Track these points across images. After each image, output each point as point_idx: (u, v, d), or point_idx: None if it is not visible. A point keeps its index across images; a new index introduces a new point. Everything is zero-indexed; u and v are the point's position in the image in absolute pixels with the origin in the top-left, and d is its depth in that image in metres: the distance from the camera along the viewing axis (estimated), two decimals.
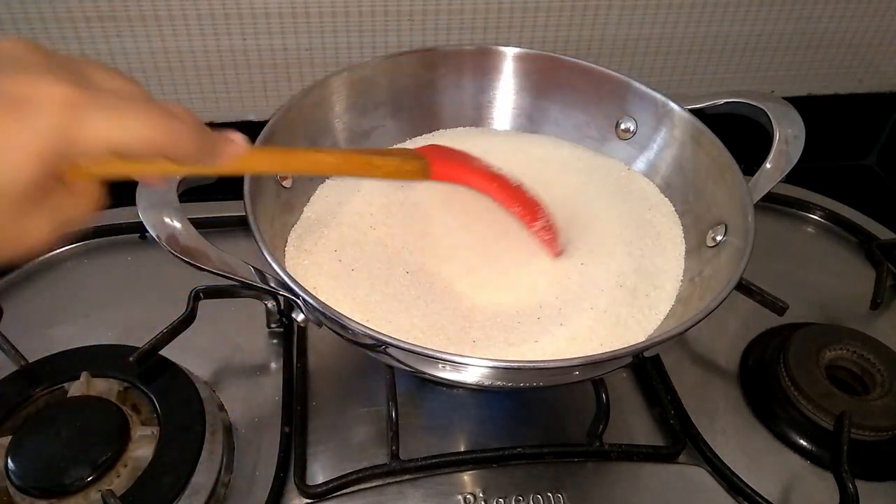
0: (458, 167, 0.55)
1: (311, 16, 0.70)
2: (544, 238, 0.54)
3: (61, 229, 0.31)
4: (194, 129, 0.33)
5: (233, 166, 0.37)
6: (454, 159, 0.56)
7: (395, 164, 0.49)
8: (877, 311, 0.66)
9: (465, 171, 0.55)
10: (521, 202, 0.55)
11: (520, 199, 0.55)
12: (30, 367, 0.53)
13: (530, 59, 0.64)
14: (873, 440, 0.54)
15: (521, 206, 0.54)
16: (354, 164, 0.47)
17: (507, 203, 0.55)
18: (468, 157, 0.56)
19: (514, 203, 0.54)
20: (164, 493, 0.46)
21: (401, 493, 0.49)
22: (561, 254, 0.55)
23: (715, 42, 0.79)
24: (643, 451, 0.53)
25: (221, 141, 0.36)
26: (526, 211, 0.54)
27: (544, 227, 0.54)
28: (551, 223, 0.55)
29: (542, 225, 0.54)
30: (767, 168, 0.55)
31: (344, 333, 0.44)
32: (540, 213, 0.55)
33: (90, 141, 0.29)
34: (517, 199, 0.55)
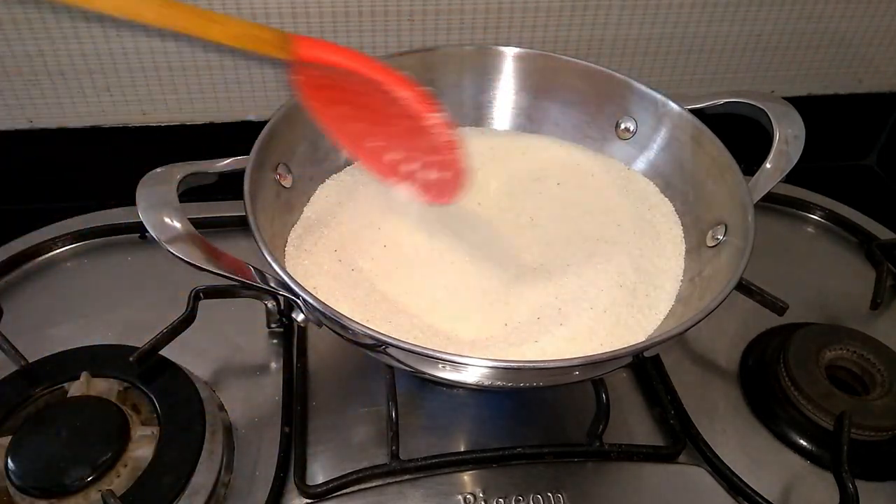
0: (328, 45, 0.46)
1: (311, 16, 0.70)
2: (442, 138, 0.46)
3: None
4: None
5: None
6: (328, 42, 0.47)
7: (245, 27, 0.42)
8: (877, 311, 0.66)
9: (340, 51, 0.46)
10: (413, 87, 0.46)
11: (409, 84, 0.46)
12: (30, 367, 0.53)
13: (530, 59, 0.64)
14: (873, 440, 0.54)
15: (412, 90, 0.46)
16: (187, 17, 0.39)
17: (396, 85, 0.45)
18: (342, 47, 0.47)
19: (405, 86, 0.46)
20: (164, 493, 0.46)
21: (401, 493, 0.49)
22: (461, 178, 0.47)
23: (715, 42, 0.79)
24: (643, 451, 0.53)
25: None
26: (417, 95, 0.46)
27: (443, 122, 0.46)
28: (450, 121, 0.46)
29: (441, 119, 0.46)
30: (767, 168, 0.55)
31: (344, 333, 0.44)
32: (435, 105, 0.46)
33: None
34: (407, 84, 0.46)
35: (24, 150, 0.75)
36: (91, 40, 0.69)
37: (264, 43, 0.43)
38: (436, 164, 0.47)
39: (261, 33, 0.43)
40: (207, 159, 0.52)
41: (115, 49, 0.69)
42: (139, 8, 0.38)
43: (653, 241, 0.57)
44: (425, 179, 0.48)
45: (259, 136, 0.52)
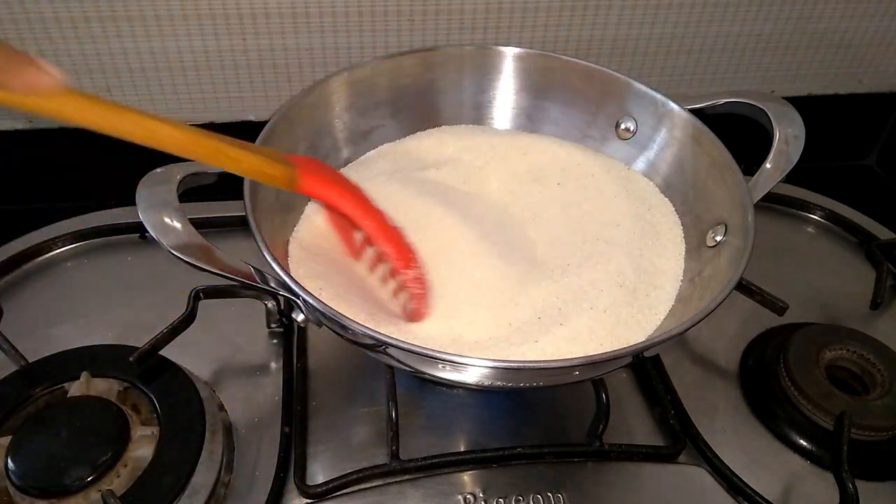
0: (332, 187, 0.49)
1: (311, 16, 0.70)
2: (414, 291, 0.49)
3: None
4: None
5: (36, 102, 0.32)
6: (331, 179, 0.50)
7: (255, 163, 0.44)
8: (877, 311, 0.66)
9: (340, 194, 0.49)
10: (396, 244, 0.50)
11: (395, 240, 0.50)
12: (30, 367, 0.53)
13: (530, 59, 0.64)
14: (873, 440, 0.54)
15: (395, 249, 0.49)
16: (203, 149, 0.41)
17: (380, 241, 0.49)
18: (347, 183, 0.51)
19: (388, 244, 0.49)
20: (164, 493, 0.46)
21: (401, 493, 0.49)
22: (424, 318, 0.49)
23: (715, 42, 0.79)
24: (643, 451, 0.53)
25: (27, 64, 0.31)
26: (400, 255, 0.49)
27: (417, 278, 0.50)
28: (425, 279, 0.50)
29: (415, 275, 0.50)
30: (767, 168, 0.55)
31: (344, 333, 0.44)
32: (414, 262, 0.50)
33: None
34: (392, 241, 0.50)
35: (24, 150, 0.75)
36: (91, 40, 0.69)
37: (273, 179, 0.45)
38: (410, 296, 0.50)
39: (271, 171, 0.45)
40: None
41: (115, 49, 0.69)
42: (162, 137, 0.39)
43: (653, 241, 0.57)
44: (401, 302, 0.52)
45: (259, 136, 0.52)
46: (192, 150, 0.40)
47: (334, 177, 0.51)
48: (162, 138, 0.39)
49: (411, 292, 0.50)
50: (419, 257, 0.51)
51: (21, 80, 0.31)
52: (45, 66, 0.32)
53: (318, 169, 0.50)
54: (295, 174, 0.46)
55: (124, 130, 0.38)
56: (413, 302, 0.50)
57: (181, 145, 0.40)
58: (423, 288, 0.50)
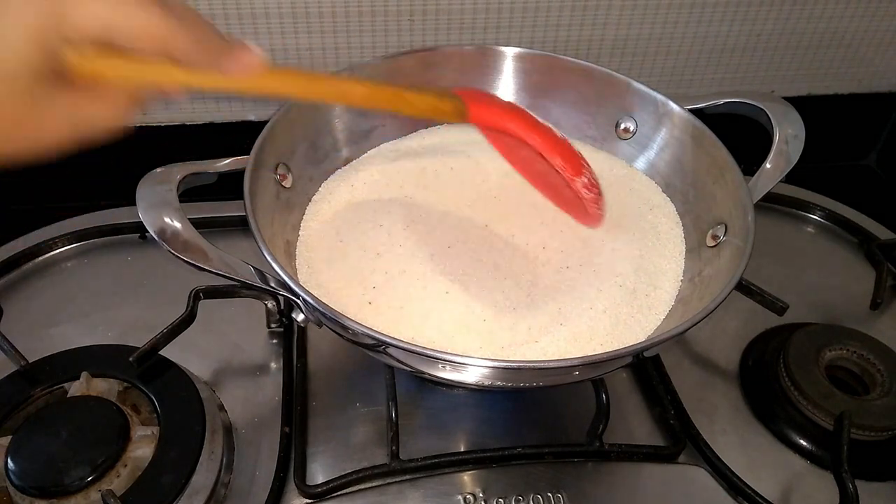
0: (498, 111, 0.51)
1: (311, 16, 0.70)
2: (587, 197, 0.52)
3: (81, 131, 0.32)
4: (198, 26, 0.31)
5: (248, 82, 0.35)
6: (495, 104, 0.53)
7: (429, 102, 0.46)
8: (877, 311, 0.66)
9: (506, 116, 0.51)
10: (564, 154, 0.51)
11: (563, 151, 0.51)
12: (30, 367, 0.53)
13: (530, 59, 0.64)
14: (873, 440, 0.54)
15: (562, 158, 0.51)
16: (384, 97, 0.44)
17: (550, 155, 0.51)
18: (510, 105, 0.53)
19: (557, 155, 0.51)
20: (164, 493, 0.46)
21: (401, 493, 0.49)
22: (601, 222, 0.53)
23: (715, 42, 0.79)
24: (643, 451, 0.53)
25: (236, 47, 0.34)
26: (567, 164, 0.51)
27: (587, 184, 0.52)
28: (595, 182, 0.52)
29: (585, 182, 0.51)
30: (767, 168, 0.55)
31: (344, 333, 0.44)
32: (584, 168, 0.52)
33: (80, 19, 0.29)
34: (560, 151, 0.51)
35: None
36: None
37: (446, 114, 0.48)
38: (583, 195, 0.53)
39: (443, 106, 0.47)
40: (207, 159, 0.52)
41: None
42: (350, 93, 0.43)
43: (653, 241, 0.57)
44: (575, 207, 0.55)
45: (259, 136, 0.52)
46: (376, 100, 0.44)
47: (499, 104, 0.53)
48: (351, 95, 0.44)
49: (586, 197, 0.52)
50: (587, 163, 0.52)
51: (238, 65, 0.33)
52: (253, 48, 0.34)
53: (484, 99, 0.52)
54: (464, 106, 0.48)
55: (321, 94, 0.43)
56: (590, 206, 0.52)
57: (368, 98, 0.44)
58: (597, 191, 0.52)
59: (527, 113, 0.52)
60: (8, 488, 0.46)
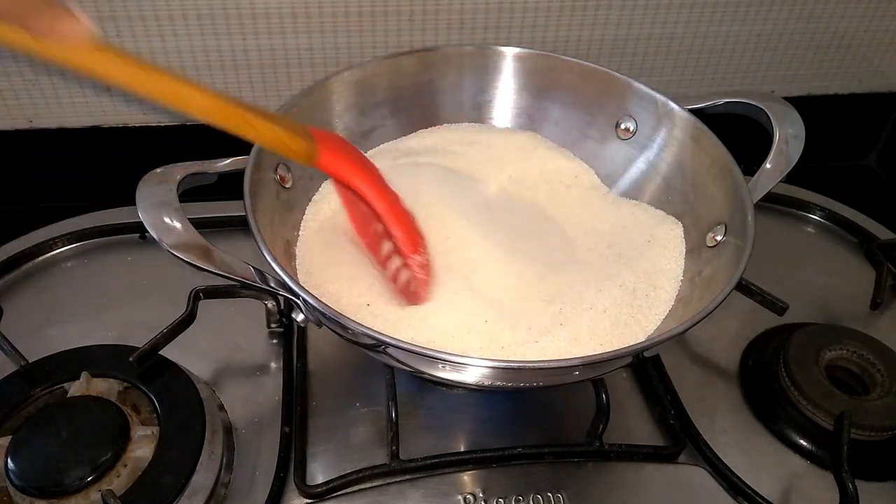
0: (350, 165, 0.49)
1: (311, 16, 0.70)
2: (418, 276, 0.50)
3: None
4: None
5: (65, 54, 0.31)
6: (349, 157, 0.49)
7: (276, 135, 0.43)
8: (877, 311, 0.66)
9: (357, 172, 0.49)
10: (406, 229, 0.50)
11: (406, 224, 0.50)
12: (30, 367, 0.53)
13: (530, 59, 0.64)
14: (873, 440, 0.54)
15: (404, 233, 0.50)
16: (226, 115, 0.40)
17: (391, 223, 0.49)
18: (365, 161, 0.51)
19: (399, 226, 0.49)
20: (164, 493, 0.46)
21: (401, 493, 0.49)
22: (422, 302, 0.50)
23: (715, 42, 0.79)
24: (643, 451, 0.53)
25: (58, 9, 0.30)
26: (409, 240, 0.50)
27: (422, 264, 0.50)
28: (429, 265, 0.50)
29: (420, 262, 0.50)
30: (767, 168, 0.55)
31: (344, 333, 0.44)
32: (422, 247, 0.50)
33: None
34: (402, 224, 0.50)
35: (24, 150, 0.75)
36: None
37: (293, 153, 0.45)
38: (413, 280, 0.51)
39: (292, 144, 0.44)
40: (207, 159, 0.52)
41: None
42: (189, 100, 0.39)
43: (652, 241, 0.57)
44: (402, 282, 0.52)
45: None
46: (217, 115, 0.40)
47: (352, 155, 0.50)
48: (188, 102, 0.39)
49: (415, 277, 0.50)
50: (426, 244, 0.51)
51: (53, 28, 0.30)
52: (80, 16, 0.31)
53: (338, 146, 0.49)
54: (315, 149, 0.46)
55: (152, 90, 0.38)
56: (415, 286, 0.50)
57: (207, 110, 0.40)
58: (427, 274, 0.50)
59: (379, 176, 0.50)
60: (8, 488, 0.46)
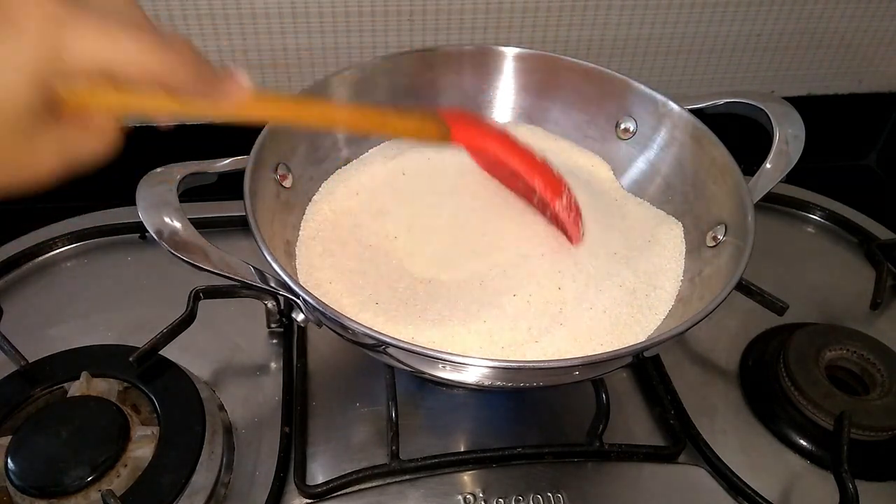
0: (480, 132, 0.53)
1: (311, 16, 0.70)
2: (566, 218, 0.52)
3: (71, 162, 0.32)
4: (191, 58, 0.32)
5: (238, 109, 0.35)
6: (477, 125, 0.54)
7: (413, 126, 0.47)
8: (877, 311, 0.66)
9: (488, 137, 0.53)
10: (544, 176, 0.52)
11: (543, 173, 0.53)
12: (30, 367, 0.53)
13: (530, 59, 0.64)
14: (873, 440, 0.54)
15: (542, 180, 0.52)
16: (369, 121, 0.45)
17: (530, 178, 0.52)
18: (492, 126, 0.54)
19: (537, 178, 0.52)
20: (164, 493, 0.46)
21: (401, 493, 0.49)
22: (579, 242, 0.53)
23: (715, 42, 0.79)
24: (643, 451, 0.53)
25: (225, 77, 0.34)
26: (548, 186, 0.52)
27: (567, 206, 0.52)
28: (575, 204, 0.53)
29: (565, 204, 0.52)
30: (767, 168, 0.55)
31: (344, 333, 0.44)
32: (563, 190, 0.53)
33: (78, 55, 0.29)
34: (540, 172, 0.53)
35: None
36: None
37: (430, 136, 0.48)
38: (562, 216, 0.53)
39: (426, 128, 0.48)
40: (207, 159, 0.52)
41: None
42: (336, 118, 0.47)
43: (652, 241, 0.57)
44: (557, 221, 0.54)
45: (259, 136, 0.52)
46: (360, 124, 0.46)
47: (481, 126, 0.54)
48: (336, 119, 0.47)
49: (565, 217, 0.52)
50: (568, 185, 0.53)
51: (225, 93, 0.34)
52: (237, 75, 0.35)
53: (468, 121, 0.52)
54: (447, 130, 0.49)
55: (307, 118, 0.43)
56: (569, 226, 0.53)
57: (352, 123, 0.47)
58: (576, 210, 0.53)
59: (508, 134, 0.53)
60: (8, 488, 0.46)
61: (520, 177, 0.53)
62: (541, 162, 0.53)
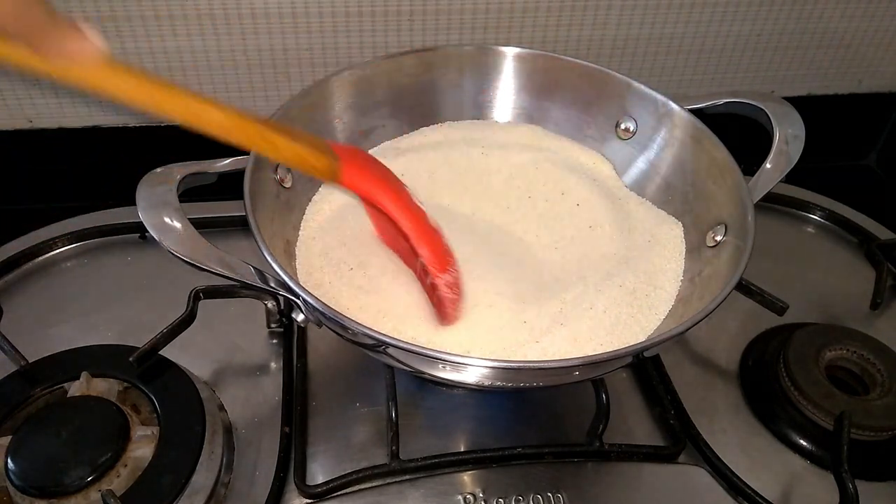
0: (375, 182, 0.48)
1: (311, 16, 0.70)
2: (446, 295, 0.48)
3: None
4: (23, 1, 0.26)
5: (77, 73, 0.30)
6: (373, 173, 0.49)
7: (297, 152, 0.42)
8: (877, 311, 0.66)
9: (382, 190, 0.48)
10: (434, 247, 0.48)
11: (433, 242, 0.48)
12: (30, 367, 0.53)
13: (530, 58, 0.64)
14: (873, 440, 0.54)
15: (431, 252, 0.48)
16: (246, 133, 0.39)
17: (417, 243, 0.48)
18: (391, 177, 0.49)
19: (425, 246, 0.48)
20: (164, 493, 0.46)
21: (401, 493, 0.49)
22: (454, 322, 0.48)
23: (715, 42, 0.79)
24: (643, 451, 0.53)
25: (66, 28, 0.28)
26: (437, 259, 0.48)
27: (452, 282, 0.48)
28: (458, 283, 0.49)
29: (448, 281, 0.48)
30: (767, 168, 0.55)
31: (344, 333, 0.44)
32: (451, 265, 0.49)
33: None
34: (429, 243, 0.48)
35: (24, 150, 0.75)
36: None
37: (315, 170, 0.44)
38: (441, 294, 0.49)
39: (314, 161, 0.43)
40: (207, 159, 0.52)
41: (115, 49, 0.69)
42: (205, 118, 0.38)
43: (652, 241, 0.57)
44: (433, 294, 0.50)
45: None
46: (233, 133, 0.39)
47: (377, 171, 0.49)
48: (205, 120, 0.38)
49: (444, 296, 0.48)
50: (456, 262, 0.49)
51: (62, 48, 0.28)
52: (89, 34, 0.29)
53: (362, 162, 0.48)
54: (338, 167, 0.45)
55: (168, 109, 0.37)
56: (446, 306, 0.49)
57: (222, 127, 0.39)
58: (458, 293, 0.49)
59: (406, 192, 0.49)
60: (8, 488, 0.46)
61: (407, 239, 0.48)
62: (433, 230, 0.49)
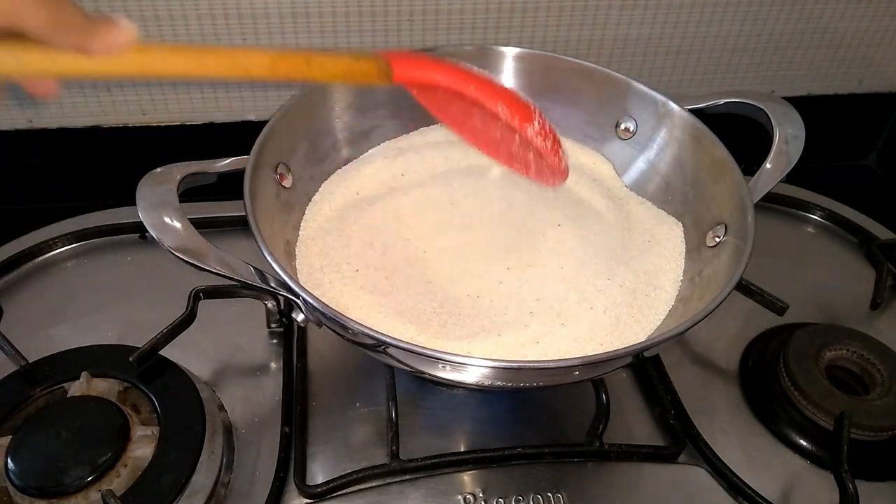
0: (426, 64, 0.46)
1: (311, 16, 0.70)
2: (542, 146, 0.45)
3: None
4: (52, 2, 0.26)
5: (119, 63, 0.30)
6: (422, 57, 0.47)
7: (344, 65, 0.41)
8: (877, 311, 0.66)
9: (436, 68, 0.46)
10: (508, 100, 0.45)
11: (506, 97, 0.45)
12: (30, 367, 0.53)
13: (530, 59, 0.64)
14: (873, 440, 0.54)
15: (507, 105, 0.45)
16: (291, 65, 0.39)
17: (493, 101, 0.45)
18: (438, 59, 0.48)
19: (502, 100, 0.45)
20: (164, 493, 0.46)
21: (401, 493, 0.49)
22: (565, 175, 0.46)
23: (715, 42, 0.79)
24: (643, 451, 0.53)
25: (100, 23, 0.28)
26: (513, 110, 0.45)
27: (540, 131, 0.45)
28: (550, 129, 0.45)
29: (537, 129, 0.45)
30: (767, 168, 0.55)
31: (344, 333, 0.44)
32: (534, 114, 0.45)
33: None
34: (504, 97, 0.45)
35: (24, 150, 0.75)
36: None
37: (367, 76, 0.43)
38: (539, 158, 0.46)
39: (363, 67, 0.42)
40: (207, 159, 0.52)
41: None
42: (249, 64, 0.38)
43: (652, 241, 0.57)
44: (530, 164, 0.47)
45: (259, 136, 0.52)
46: (282, 68, 0.39)
47: (426, 56, 0.48)
48: (251, 65, 0.38)
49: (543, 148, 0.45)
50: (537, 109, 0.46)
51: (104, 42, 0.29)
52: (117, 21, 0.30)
53: (408, 54, 0.47)
54: (387, 64, 0.43)
55: (214, 68, 0.37)
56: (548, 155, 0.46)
57: (271, 68, 0.38)
58: (554, 138, 0.45)
59: (460, 66, 0.46)
60: (8, 488, 0.46)
61: (480, 107, 0.45)
62: (503, 87, 0.46)
